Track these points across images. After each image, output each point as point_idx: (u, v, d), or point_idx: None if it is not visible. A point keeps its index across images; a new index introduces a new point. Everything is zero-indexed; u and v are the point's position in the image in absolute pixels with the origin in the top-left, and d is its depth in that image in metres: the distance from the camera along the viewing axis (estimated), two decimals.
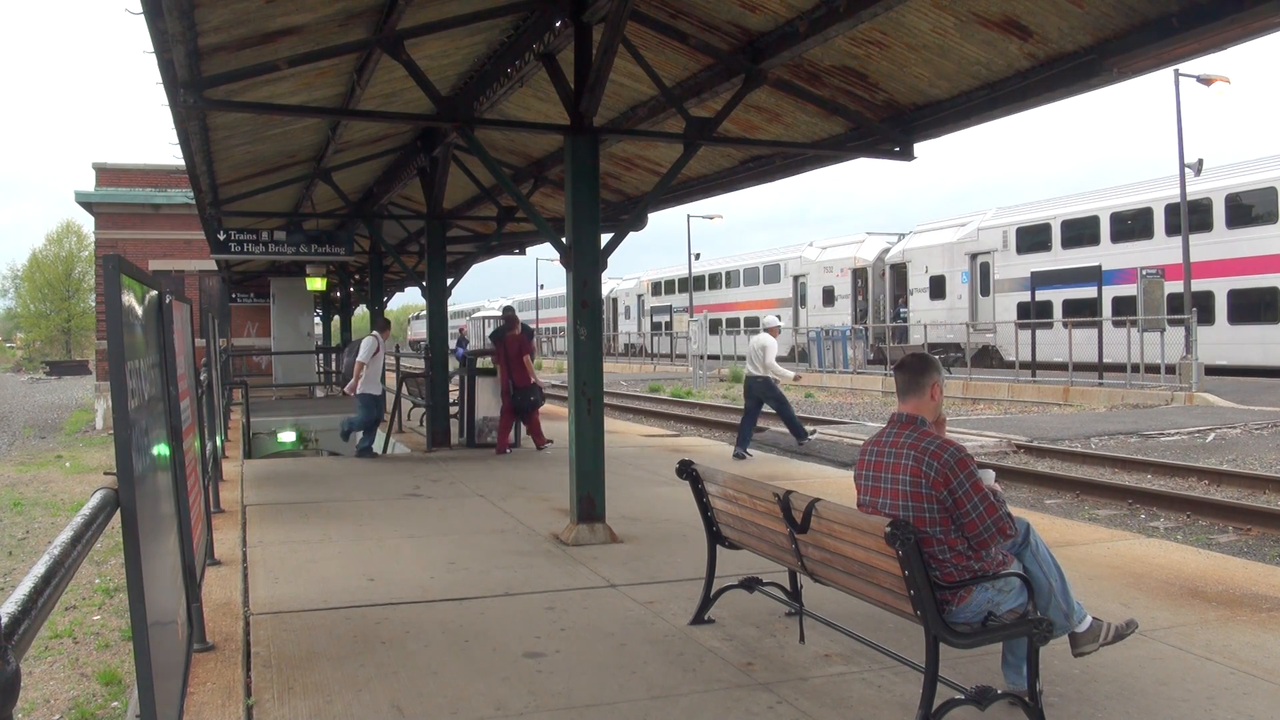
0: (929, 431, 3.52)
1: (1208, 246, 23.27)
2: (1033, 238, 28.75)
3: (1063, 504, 10.46)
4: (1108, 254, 26.03)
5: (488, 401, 11.90)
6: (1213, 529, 9.07)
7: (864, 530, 3.35)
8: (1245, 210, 23.43)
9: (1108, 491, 10.64)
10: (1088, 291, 25.67)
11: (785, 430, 16.48)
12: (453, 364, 13.76)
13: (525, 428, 11.78)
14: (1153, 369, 21.16)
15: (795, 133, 8.30)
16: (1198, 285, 22.46)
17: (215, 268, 25.47)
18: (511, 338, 11.57)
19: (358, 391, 11.20)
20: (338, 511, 7.71)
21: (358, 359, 11.17)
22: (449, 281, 13.26)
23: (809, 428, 13.58)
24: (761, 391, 11.69)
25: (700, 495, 4.61)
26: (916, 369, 3.65)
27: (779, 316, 13.43)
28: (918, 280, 33.21)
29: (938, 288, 32.20)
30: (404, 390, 13.65)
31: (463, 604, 5.09)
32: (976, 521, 3.34)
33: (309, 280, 19.29)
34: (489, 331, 13.49)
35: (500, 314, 13.38)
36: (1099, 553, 6.08)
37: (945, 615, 3.27)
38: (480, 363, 12.69)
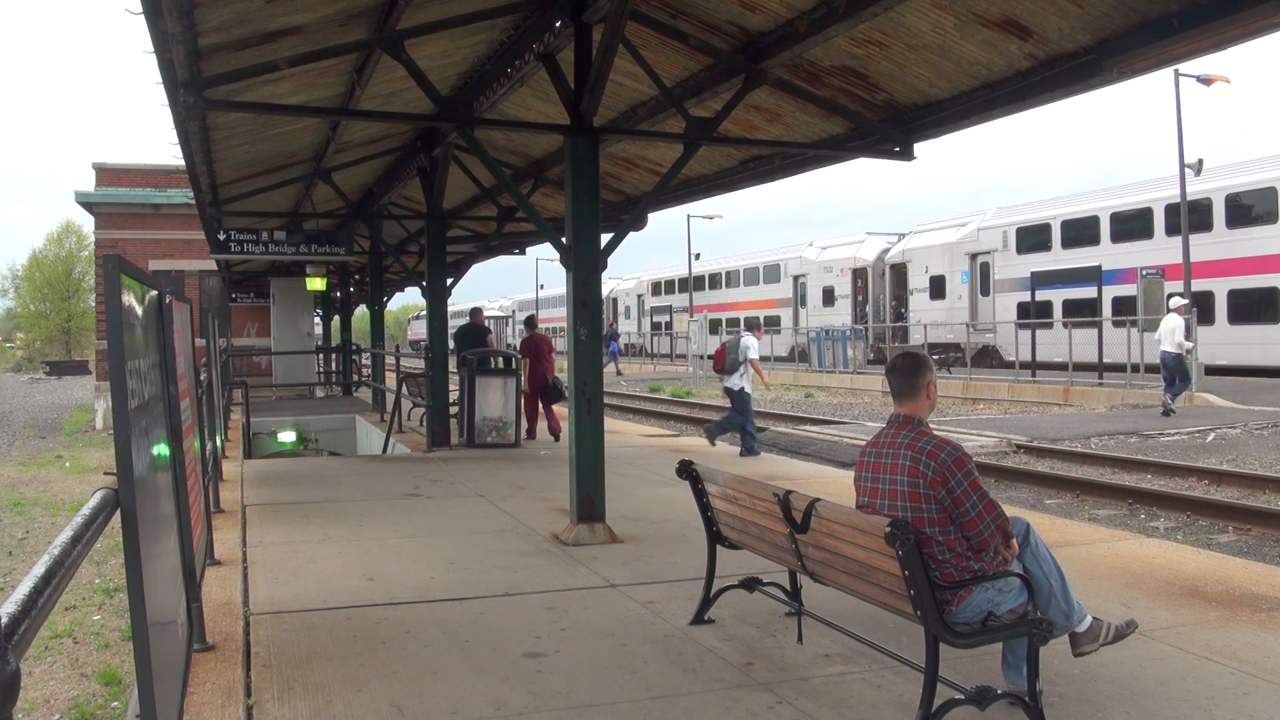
0: (926, 431, 3.52)
1: (1208, 246, 23.26)
2: (1033, 238, 28.74)
3: (1063, 504, 10.46)
4: (1108, 254, 26.02)
5: (488, 401, 11.90)
6: (1213, 529, 9.07)
7: (864, 530, 3.35)
8: (1245, 210, 23.42)
9: (1108, 491, 10.64)
10: (1088, 291, 25.66)
11: (785, 430, 16.51)
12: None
13: (548, 417, 12.77)
14: (1153, 369, 21.15)
15: (795, 133, 8.30)
16: (1198, 285, 22.45)
17: (215, 268, 25.48)
18: (539, 337, 13.02)
19: (739, 389, 11.91)
20: (338, 511, 7.71)
21: (751, 356, 11.93)
22: (449, 281, 13.26)
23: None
24: (1174, 365, 16.96)
25: (700, 495, 4.61)
26: (909, 370, 3.63)
27: (1181, 299, 18.06)
28: (918, 280, 33.20)
29: (938, 288, 32.20)
30: (404, 390, 13.65)
31: (463, 604, 5.09)
32: (976, 520, 3.35)
33: (309, 280, 19.30)
34: (453, 330, 13.86)
35: (469, 315, 14.03)
36: (1099, 553, 6.08)
37: (945, 615, 3.27)
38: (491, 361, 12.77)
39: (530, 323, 13.60)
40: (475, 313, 14.35)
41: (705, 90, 7.30)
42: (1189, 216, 22.10)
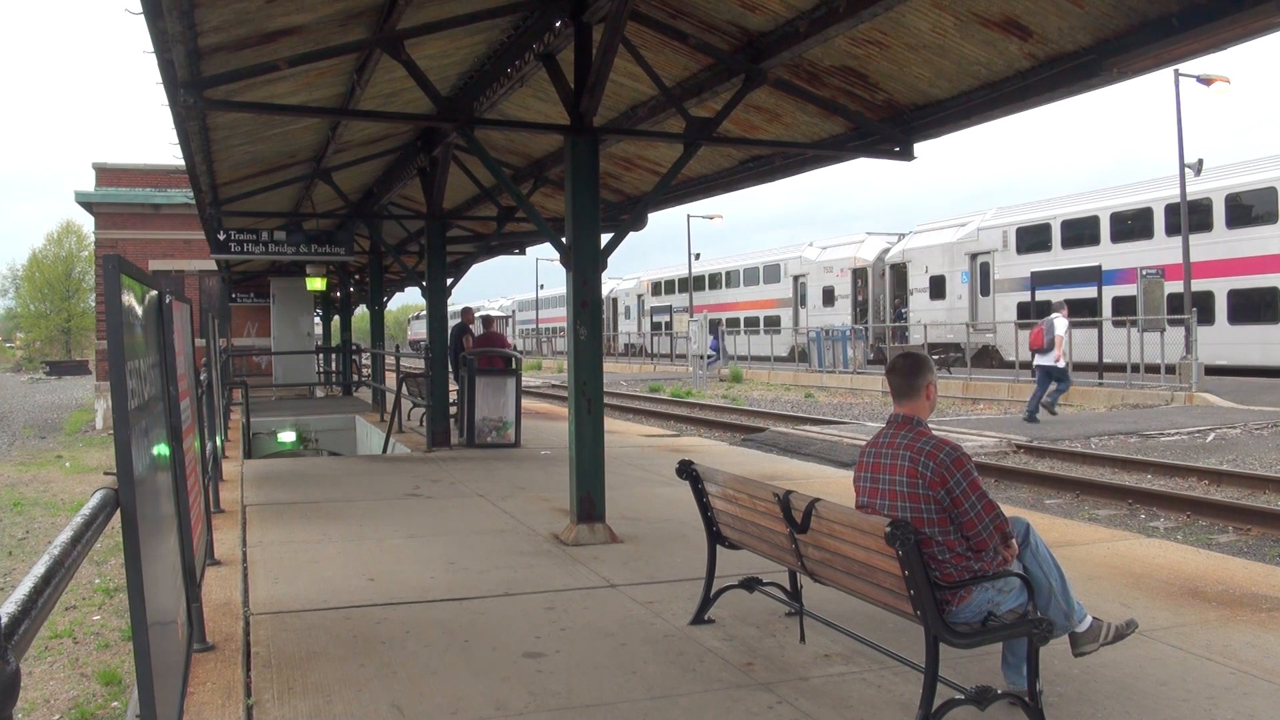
0: (925, 431, 3.52)
1: (1208, 246, 23.26)
2: (1033, 238, 28.75)
3: (1063, 504, 10.46)
4: (1108, 254, 26.03)
5: (488, 401, 11.91)
6: (1213, 529, 9.07)
7: (864, 530, 3.35)
8: (1245, 210, 23.42)
9: (1108, 491, 10.63)
10: (1088, 291, 25.66)
11: (785, 430, 16.50)
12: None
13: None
14: (1153, 369, 21.16)
15: (795, 133, 8.30)
16: (1198, 285, 22.46)
17: (215, 268, 25.46)
18: (495, 334, 13.52)
19: (1046, 365, 15.88)
20: (338, 511, 7.71)
21: (1059, 333, 15.87)
22: (449, 281, 13.27)
23: None
24: None
25: (700, 495, 4.61)
26: (909, 371, 3.63)
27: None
28: (918, 280, 33.21)
29: (938, 288, 32.20)
30: (404, 390, 13.65)
31: (463, 604, 5.09)
32: (975, 520, 3.35)
33: (309, 280, 19.30)
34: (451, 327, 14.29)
35: (459, 313, 15.02)
36: (1099, 553, 6.08)
37: (945, 615, 3.27)
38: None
39: (487, 321, 14.55)
40: (465, 312, 14.67)
41: (705, 90, 7.30)
42: (1189, 216, 22.10)
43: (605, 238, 6.98)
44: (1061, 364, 16.30)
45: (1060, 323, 16.33)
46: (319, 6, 6.05)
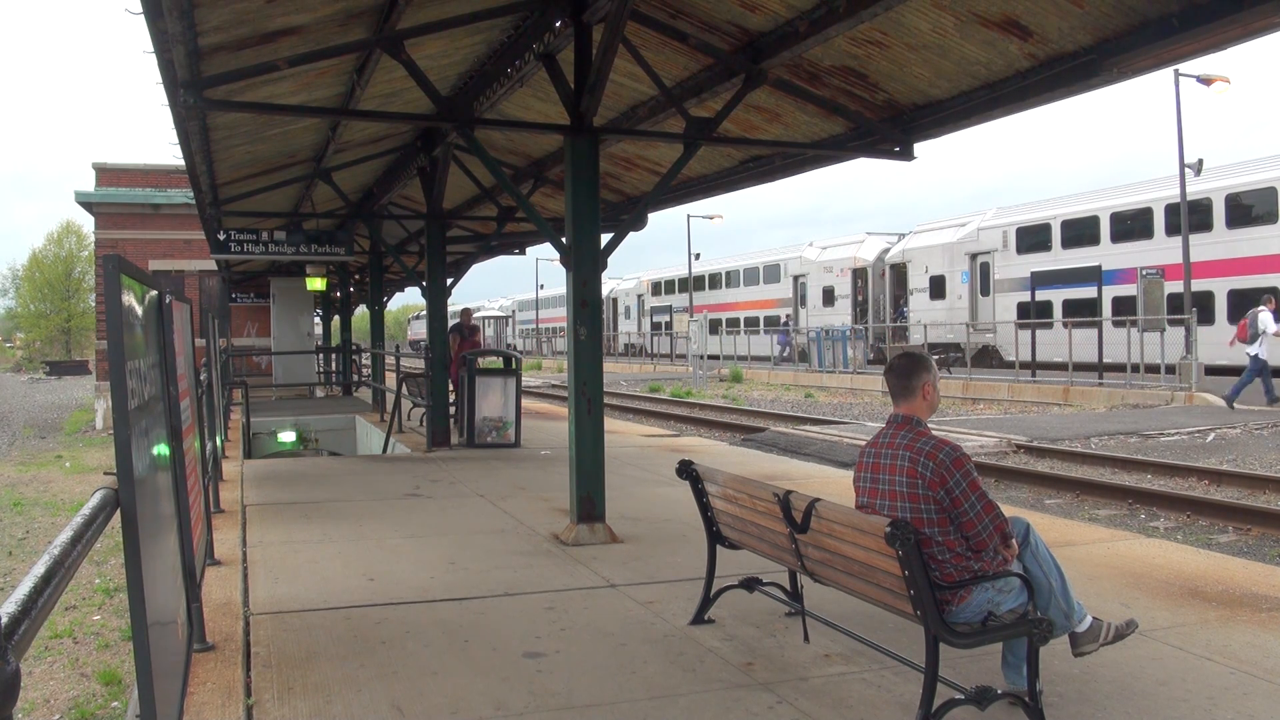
0: (924, 431, 3.51)
1: (1208, 246, 23.26)
2: (1033, 238, 28.74)
3: (1063, 504, 10.46)
4: (1108, 254, 26.02)
5: (488, 401, 11.91)
6: (1213, 529, 9.07)
7: (864, 530, 3.35)
8: (1245, 210, 23.42)
9: (1108, 491, 10.63)
10: (1088, 291, 25.66)
11: (785, 430, 16.50)
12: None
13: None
14: (1153, 369, 21.15)
15: (795, 133, 8.30)
16: (1198, 285, 22.45)
17: (215, 268, 25.49)
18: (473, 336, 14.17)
19: (1255, 354, 17.11)
20: (338, 511, 7.71)
21: (1266, 329, 16.92)
22: (449, 281, 13.28)
23: None
24: None
25: (700, 495, 4.61)
26: (905, 371, 3.63)
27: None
28: (918, 280, 33.20)
29: (938, 288, 32.19)
30: (404, 390, 13.66)
31: (463, 604, 5.09)
32: (975, 520, 3.35)
33: (309, 280, 19.30)
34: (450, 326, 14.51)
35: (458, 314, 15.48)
36: (1099, 553, 6.08)
37: (945, 615, 3.27)
38: (486, 362, 12.81)
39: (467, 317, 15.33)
40: (465, 313, 14.76)
41: (705, 90, 7.30)
42: (1189, 216, 22.09)
43: (605, 238, 6.98)
44: (1263, 355, 17.50)
45: (1267, 317, 17.57)
46: (319, 6, 6.05)
